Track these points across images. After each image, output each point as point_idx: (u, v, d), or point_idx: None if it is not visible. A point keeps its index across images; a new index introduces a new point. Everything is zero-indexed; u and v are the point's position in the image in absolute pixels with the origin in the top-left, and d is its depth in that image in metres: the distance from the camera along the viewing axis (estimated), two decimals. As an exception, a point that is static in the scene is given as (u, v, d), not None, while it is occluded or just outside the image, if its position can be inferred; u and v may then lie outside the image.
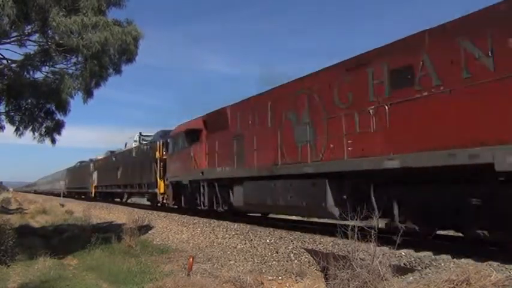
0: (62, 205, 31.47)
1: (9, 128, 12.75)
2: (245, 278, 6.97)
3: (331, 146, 8.99)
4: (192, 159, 15.55)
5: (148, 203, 24.18)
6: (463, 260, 6.25)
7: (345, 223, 7.03)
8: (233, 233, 11.34)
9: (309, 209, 9.92)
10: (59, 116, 12.16)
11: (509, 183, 5.98)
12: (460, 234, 7.68)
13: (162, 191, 19.59)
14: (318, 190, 9.22)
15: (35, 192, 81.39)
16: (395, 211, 7.62)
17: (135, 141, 28.90)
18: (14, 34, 10.13)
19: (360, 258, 6.06)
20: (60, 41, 9.41)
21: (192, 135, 15.95)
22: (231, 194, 13.16)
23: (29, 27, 10.04)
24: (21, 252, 10.21)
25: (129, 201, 29.71)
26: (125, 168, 26.69)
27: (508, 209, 5.98)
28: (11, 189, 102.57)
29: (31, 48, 10.89)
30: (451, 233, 8.36)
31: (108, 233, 13.71)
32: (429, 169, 6.89)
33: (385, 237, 6.78)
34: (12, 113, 12.35)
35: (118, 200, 31.54)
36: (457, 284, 4.77)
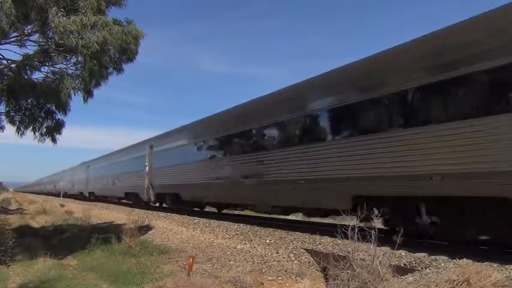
0: (62, 205, 31.46)
1: (10, 128, 12.76)
2: (245, 278, 6.96)
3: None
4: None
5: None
6: (463, 260, 6.23)
7: (345, 223, 7.03)
8: (233, 233, 11.34)
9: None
10: (59, 116, 12.19)
11: None
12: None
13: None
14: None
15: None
16: None
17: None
18: (14, 34, 10.13)
19: (360, 259, 6.04)
20: (60, 41, 9.40)
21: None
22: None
23: (29, 27, 10.04)
24: (21, 252, 10.18)
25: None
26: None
27: None
28: (11, 189, 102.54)
29: (31, 48, 10.92)
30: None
31: (108, 233, 13.66)
32: None
33: (385, 238, 6.78)
34: (13, 113, 12.35)
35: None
36: (457, 284, 4.76)
